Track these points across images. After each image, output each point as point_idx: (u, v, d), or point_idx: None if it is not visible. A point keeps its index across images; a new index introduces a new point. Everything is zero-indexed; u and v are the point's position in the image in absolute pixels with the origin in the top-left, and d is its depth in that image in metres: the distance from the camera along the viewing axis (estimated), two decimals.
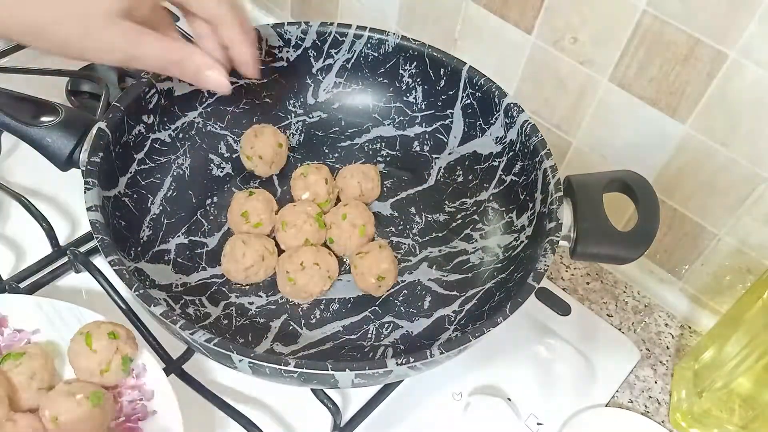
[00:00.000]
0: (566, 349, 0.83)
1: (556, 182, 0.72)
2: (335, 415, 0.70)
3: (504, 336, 0.80)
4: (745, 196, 0.78)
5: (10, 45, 0.99)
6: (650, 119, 0.81)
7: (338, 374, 0.59)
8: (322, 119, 0.89)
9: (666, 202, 0.85)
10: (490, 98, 0.81)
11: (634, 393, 0.82)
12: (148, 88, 0.76)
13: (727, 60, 0.72)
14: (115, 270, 0.62)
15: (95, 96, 0.97)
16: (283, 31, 0.83)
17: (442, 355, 0.61)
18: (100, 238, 0.64)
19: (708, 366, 0.78)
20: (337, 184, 0.83)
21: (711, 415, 0.76)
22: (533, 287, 0.65)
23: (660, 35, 0.75)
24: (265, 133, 0.82)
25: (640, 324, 0.89)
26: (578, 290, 0.91)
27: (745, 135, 0.75)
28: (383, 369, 0.60)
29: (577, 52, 0.83)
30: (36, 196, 0.85)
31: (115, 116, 0.72)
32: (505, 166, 0.82)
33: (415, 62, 0.85)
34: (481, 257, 0.80)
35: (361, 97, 0.89)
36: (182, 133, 0.82)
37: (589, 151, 0.89)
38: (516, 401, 0.78)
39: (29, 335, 0.69)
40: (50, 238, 0.80)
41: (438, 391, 0.78)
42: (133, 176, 0.76)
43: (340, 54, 0.86)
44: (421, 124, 0.88)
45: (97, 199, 0.66)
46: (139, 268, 0.72)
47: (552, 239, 0.68)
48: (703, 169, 0.80)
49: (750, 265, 0.82)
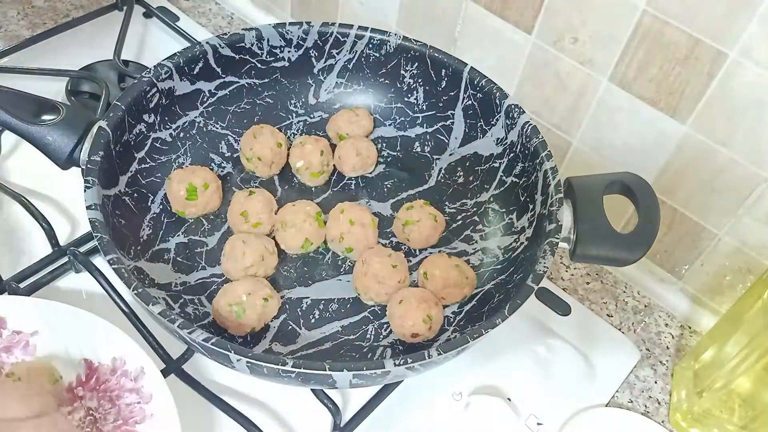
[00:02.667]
0: (566, 349, 0.83)
1: (556, 184, 0.72)
2: (335, 415, 0.70)
3: (504, 336, 0.80)
4: (745, 196, 0.78)
5: (10, 45, 0.99)
6: (650, 119, 0.81)
7: (336, 374, 0.59)
8: (323, 119, 0.89)
9: (666, 202, 0.84)
10: (491, 99, 0.81)
11: (634, 393, 0.82)
12: (149, 87, 0.77)
13: (727, 60, 0.72)
14: (114, 269, 0.62)
15: (95, 96, 0.97)
16: (284, 31, 0.83)
17: (440, 356, 0.60)
18: (99, 236, 0.64)
19: (708, 366, 0.77)
20: (336, 153, 0.85)
21: (711, 415, 0.76)
22: (532, 289, 0.65)
23: (660, 35, 0.75)
24: (264, 134, 0.83)
25: (640, 324, 0.89)
26: (578, 290, 0.91)
27: (745, 135, 0.75)
28: (381, 369, 0.60)
29: (577, 52, 0.83)
30: (36, 196, 0.85)
31: (116, 115, 0.73)
32: (506, 168, 0.82)
33: (416, 63, 0.85)
34: (481, 258, 0.80)
35: (362, 97, 0.89)
36: (183, 132, 0.82)
37: (589, 151, 0.89)
38: (516, 401, 0.78)
39: (28, 337, 0.69)
40: (50, 238, 0.80)
41: (438, 391, 0.78)
42: (134, 175, 0.76)
43: (342, 54, 0.86)
44: (422, 125, 0.88)
45: (96, 198, 0.66)
46: (139, 267, 0.72)
47: (552, 241, 0.68)
48: (703, 169, 0.80)
49: (750, 265, 0.82)
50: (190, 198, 0.77)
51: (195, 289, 0.75)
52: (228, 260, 0.75)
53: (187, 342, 0.63)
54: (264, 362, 0.59)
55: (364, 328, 0.75)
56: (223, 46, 0.81)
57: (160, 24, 1.09)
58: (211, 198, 0.79)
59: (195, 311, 0.73)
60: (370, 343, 0.74)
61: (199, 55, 0.80)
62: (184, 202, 0.78)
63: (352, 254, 0.78)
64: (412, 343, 0.73)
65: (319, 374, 0.60)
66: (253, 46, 0.83)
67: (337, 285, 0.78)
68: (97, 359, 0.68)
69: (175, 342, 0.68)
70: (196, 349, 0.63)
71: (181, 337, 0.62)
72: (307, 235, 0.77)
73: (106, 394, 0.67)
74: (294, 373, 0.59)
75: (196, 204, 0.78)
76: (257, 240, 0.75)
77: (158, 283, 0.73)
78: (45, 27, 1.06)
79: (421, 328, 0.71)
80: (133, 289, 0.61)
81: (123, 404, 0.66)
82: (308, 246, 0.78)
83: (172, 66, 0.78)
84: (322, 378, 0.61)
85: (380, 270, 0.74)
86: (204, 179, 0.78)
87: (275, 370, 0.59)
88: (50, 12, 1.09)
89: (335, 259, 0.80)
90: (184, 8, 1.16)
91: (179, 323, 0.60)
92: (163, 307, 0.61)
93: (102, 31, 1.06)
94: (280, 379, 0.62)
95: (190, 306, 0.73)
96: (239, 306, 0.70)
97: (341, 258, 0.80)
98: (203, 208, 0.79)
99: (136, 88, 0.76)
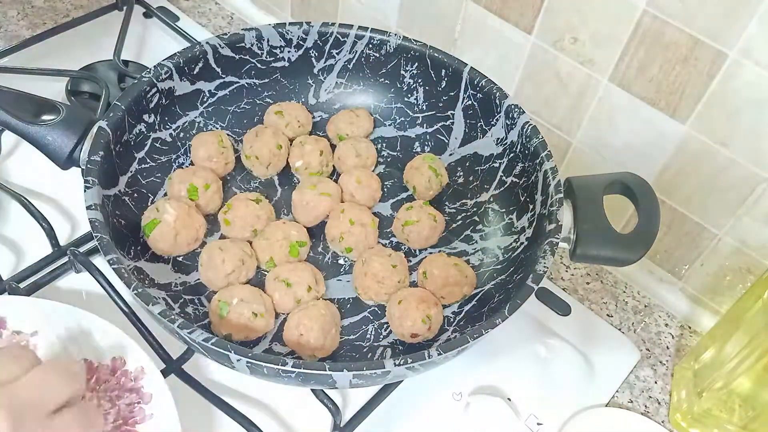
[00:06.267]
0: (566, 349, 0.83)
1: (556, 184, 0.72)
2: (335, 415, 0.70)
3: (504, 336, 0.80)
4: (745, 196, 0.78)
5: (10, 45, 0.99)
6: (650, 119, 0.81)
7: (336, 374, 0.59)
8: (323, 120, 0.89)
9: (666, 202, 0.84)
10: (491, 100, 0.81)
11: (634, 393, 0.82)
12: (149, 87, 0.77)
13: (727, 60, 0.72)
14: (114, 269, 0.62)
15: (95, 96, 0.97)
16: (284, 31, 0.83)
17: (440, 356, 0.60)
18: (99, 236, 0.64)
19: (708, 366, 0.77)
20: (335, 154, 0.85)
21: (711, 415, 0.76)
22: (532, 289, 0.65)
23: (660, 35, 0.75)
24: (266, 134, 0.83)
25: (640, 324, 0.89)
26: (578, 290, 0.91)
27: (745, 135, 0.75)
28: (381, 369, 0.60)
29: (577, 52, 0.83)
30: (36, 196, 0.85)
31: (116, 115, 0.73)
32: (506, 168, 0.82)
33: (416, 63, 0.85)
34: (480, 258, 0.80)
35: (362, 97, 0.89)
36: (183, 132, 0.82)
37: (589, 151, 0.89)
38: (516, 401, 0.78)
39: (28, 337, 0.69)
40: (50, 238, 0.80)
41: (438, 391, 0.78)
42: (134, 175, 0.76)
43: (342, 54, 0.86)
44: (422, 125, 0.88)
45: (96, 198, 0.66)
46: (139, 266, 0.72)
47: (552, 241, 0.68)
48: (703, 169, 0.80)
49: (750, 265, 0.82)
50: (191, 198, 0.77)
51: (195, 289, 0.75)
52: (208, 269, 0.74)
53: (187, 342, 0.63)
54: (264, 362, 0.59)
55: (364, 328, 0.75)
56: (223, 46, 0.81)
57: (160, 24, 1.09)
58: (212, 198, 0.79)
59: (195, 311, 0.73)
60: (370, 343, 0.74)
61: (199, 55, 0.80)
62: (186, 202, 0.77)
63: (351, 254, 0.78)
64: (411, 343, 0.73)
65: (319, 374, 0.60)
66: (253, 46, 0.83)
67: (337, 285, 0.78)
68: (97, 359, 0.68)
69: (175, 342, 0.68)
70: (196, 349, 0.63)
71: (181, 337, 0.62)
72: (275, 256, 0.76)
73: (106, 394, 0.66)
74: (294, 373, 0.59)
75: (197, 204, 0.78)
76: (233, 245, 0.74)
77: (158, 283, 0.73)
78: (45, 27, 1.06)
79: (421, 329, 0.71)
80: (133, 289, 0.61)
81: (123, 404, 0.66)
82: (270, 264, 0.76)
83: (172, 66, 0.78)
84: (322, 378, 0.61)
85: (380, 270, 0.74)
86: (205, 179, 0.78)
87: (275, 370, 0.59)
88: (50, 12, 1.09)
89: (335, 259, 0.80)
90: (184, 8, 1.16)
91: (179, 323, 0.60)
92: (163, 307, 0.61)
93: (102, 31, 1.06)
94: (280, 379, 0.62)
95: (190, 306, 0.73)
96: (225, 305, 0.70)
97: (341, 258, 0.80)
98: (204, 209, 0.79)
99: (136, 88, 0.76)
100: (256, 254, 0.76)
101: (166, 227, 0.73)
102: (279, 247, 0.76)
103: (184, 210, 0.74)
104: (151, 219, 0.74)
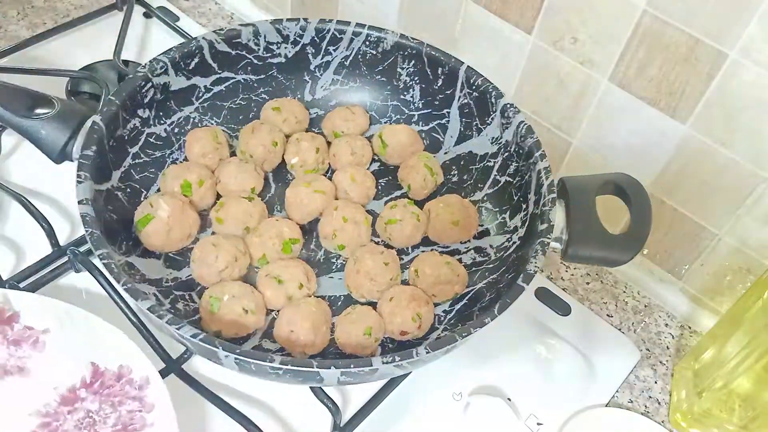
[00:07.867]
0: (566, 349, 0.82)
1: (549, 184, 0.71)
2: (335, 414, 0.70)
3: (504, 336, 0.80)
4: (745, 196, 0.77)
5: (10, 45, 0.99)
6: (650, 119, 0.80)
7: (324, 372, 0.59)
8: (319, 116, 0.89)
9: (666, 202, 0.84)
10: (487, 98, 0.80)
11: (634, 393, 0.82)
12: (144, 82, 0.76)
13: (727, 60, 0.71)
14: (104, 263, 0.62)
15: (95, 96, 0.97)
16: (281, 27, 0.83)
17: (428, 355, 0.60)
18: (89, 231, 0.64)
19: (708, 366, 0.77)
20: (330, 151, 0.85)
21: (711, 415, 0.76)
22: (523, 288, 0.64)
23: (660, 35, 0.75)
24: (262, 131, 0.82)
25: (640, 324, 0.88)
26: (578, 290, 0.90)
27: (745, 135, 0.75)
28: (369, 367, 0.59)
29: (577, 52, 0.83)
30: (36, 196, 0.85)
31: (110, 110, 0.72)
32: (500, 167, 0.81)
33: (413, 61, 0.84)
34: (473, 257, 0.80)
35: (358, 94, 0.89)
36: (178, 127, 0.82)
37: (589, 151, 0.88)
38: (516, 401, 0.78)
39: (39, 333, 0.69)
40: (50, 238, 0.80)
41: (438, 391, 0.77)
42: (127, 170, 0.76)
43: (338, 51, 0.86)
44: (418, 123, 0.88)
45: (88, 193, 0.66)
46: (130, 262, 0.72)
47: (543, 241, 0.68)
48: (703, 169, 0.79)
49: (750, 265, 0.81)
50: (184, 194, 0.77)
51: (186, 284, 0.74)
52: (200, 265, 0.73)
53: (175, 338, 0.62)
54: (252, 359, 0.59)
55: None
56: (219, 42, 0.81)
57: (160, 24, 1.09)
58: (205, 194, 0.79)
59: (185, 307, 0.72)
60: None
61: (196, 51, 0.80)
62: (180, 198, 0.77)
63: (344, 251, 0.78)
64: (401, 341, 0.72)
65: (307, 371, 0.59)
66: (249, 42, 0.83)
67: (329, 282, 0.77)
68: (104, 364, 0.68)
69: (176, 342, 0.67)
70: (185, 345, 0.63)
71: (169, 332, 0.62)
72: (267, 253, 0.75)
73: (108, 399, 0.67)
74: (282, 370, 0.59)
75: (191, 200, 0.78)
76: (226, 241, 0.74)
77: (149, 278, 0.72)
78: (45, 27, 1.06)
79: (410, 327, 0.70)
80: (123, 284, 0.61)
81: (124, 410, 0.66)
82: (263, 261, 0.76)
83: (167, 61, 0.78)
84: (310, 375, 0.60)
85: (372, 267, 0.73)
86: (199, 175, 0.78)
87: (263, 367, 0.59)
88: (50, 12, 1.10)
89: (327, 256, 0.79)
90: (184, 8, 1.16)
91: (168, 319, 0.59)
92: (152, 302, 0.60)
93: (102, 31, 1.06)
94: (269, 376, 0.62)
95: (180, 302, 0.72)
96: (216, 300, 0.69)
97: (333, 255, 0.79)
98: (198, 205, 0.78)
99: (130, 83, 0.75)
100: (248, 251, 0.75)
101: (159, 223, 0.73)
102: (272, 245, 0.75)
103: (177, 206, 0.74)
104: (145, 214, 0.73)
